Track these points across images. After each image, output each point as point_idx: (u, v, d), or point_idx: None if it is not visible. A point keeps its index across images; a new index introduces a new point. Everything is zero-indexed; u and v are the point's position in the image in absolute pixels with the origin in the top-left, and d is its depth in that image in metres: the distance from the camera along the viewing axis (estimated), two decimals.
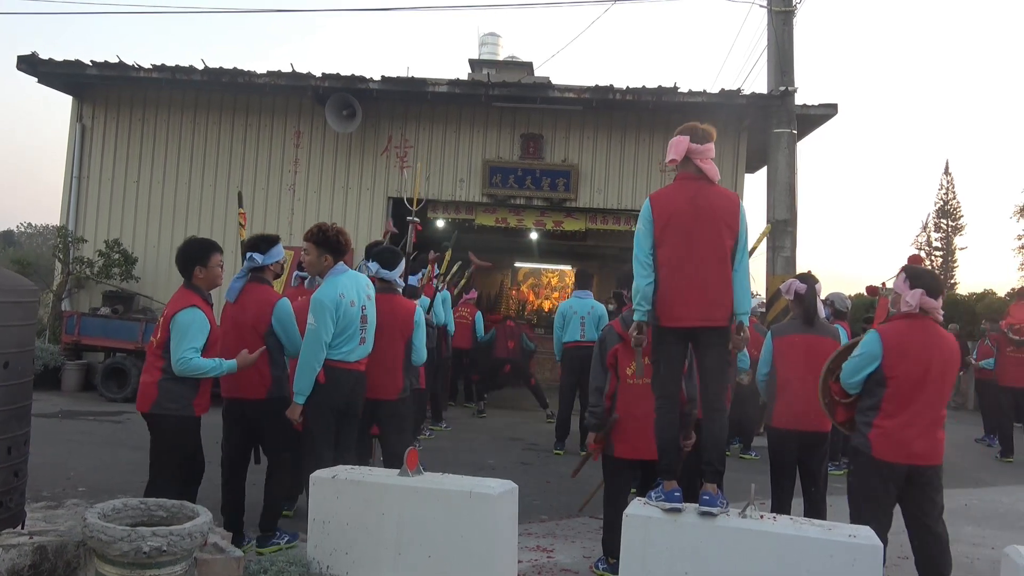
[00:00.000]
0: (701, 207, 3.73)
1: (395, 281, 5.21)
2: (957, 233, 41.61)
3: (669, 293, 3.72)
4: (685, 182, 3.82)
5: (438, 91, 11.20)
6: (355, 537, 3.84)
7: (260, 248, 4.80)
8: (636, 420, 4.35)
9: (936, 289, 3.93)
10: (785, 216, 10.82)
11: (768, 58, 11.17)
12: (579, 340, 8.41)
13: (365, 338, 4.68)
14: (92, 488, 5.72)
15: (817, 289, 4.96)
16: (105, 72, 11.32)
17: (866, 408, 3.98)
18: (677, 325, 3.73)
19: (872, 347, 3.93)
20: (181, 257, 4.48)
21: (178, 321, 4.22)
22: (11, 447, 3.80)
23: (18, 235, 44.65)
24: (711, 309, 3.68)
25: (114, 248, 11.46)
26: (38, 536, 3.48)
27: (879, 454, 3.88)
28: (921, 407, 3.86)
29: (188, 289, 4.39)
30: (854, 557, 3.25)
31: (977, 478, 8.38)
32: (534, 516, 5.68)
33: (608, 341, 4.55)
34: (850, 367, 4.02)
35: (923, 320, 3.94)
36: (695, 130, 3.81)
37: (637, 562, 3.51)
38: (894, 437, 3.85)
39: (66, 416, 8.86)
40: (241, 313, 4.69)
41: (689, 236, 3.71)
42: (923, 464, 3.89)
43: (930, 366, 3.85)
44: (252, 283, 4.77)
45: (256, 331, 4.63)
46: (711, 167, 3.80)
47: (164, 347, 4.26)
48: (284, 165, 12.00)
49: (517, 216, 12.21)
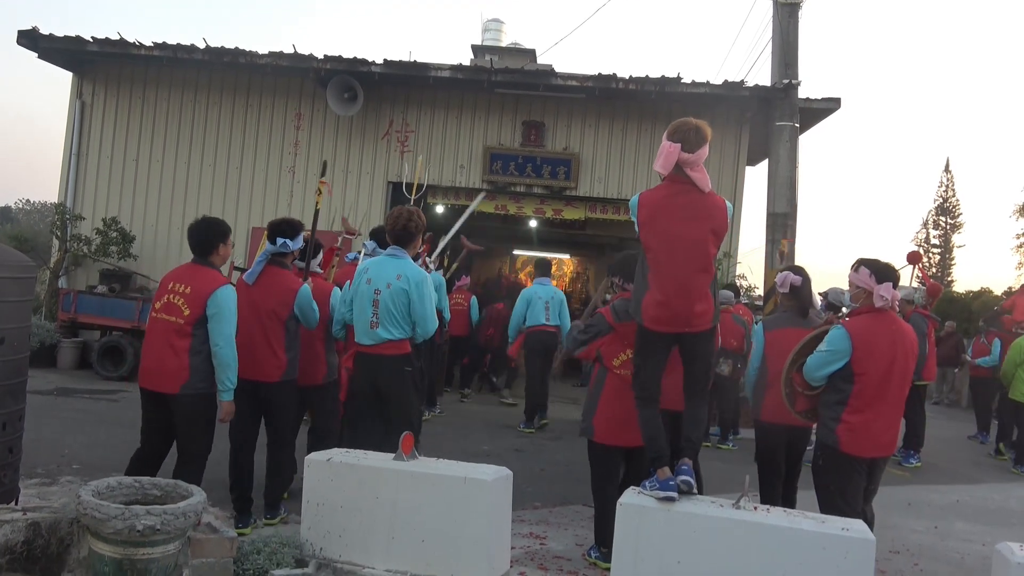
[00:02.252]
0: (687, 213, 3.67)
1: None
2: (955, 231, 41.67)
3: (652, 297, 3.71)
4: (674, 185, 3.72)
5: (440, 76, 11.14)
6: (349, 520, 3.85)
7: (288, 233, 4.79)
8: (621, 408, 4.31)
9: (897, 280, 4.01)
10: (785, 210, 10.81)
11: (773, 50, 11.13)
12: (544, 324, 8.81)
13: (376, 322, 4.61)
14: (86, 466, 5.72)
15: None
16: (106, 49, 11.24)
17: (832, 403, 4.00)
18: (660, 330, 3.75)
19: (840, 343, 3.93)
20: (206, 232, 4.41)
21: (226, 301, 4.20)
22: (6, 423, 3.80)
23: (16, 211, 44.55)
24: (693, 317, 3.69)
25: (112, 226, 11.41)
26: (32, 512, 3.49)
27: (848, 448, 3.92)
28: (887, 402, 3.93)
29: (208, 267, 4.35)
30: (847, 550, 3.26)
31: (968, 475, 8.41)
32: (527, 503, 5.69)
33: (601, 329, 4.53)
34: (816, 361, 4.02)
35: (886, 314, 3.98)
36: (687, 136, 3.64)
37: (630, 551, 3.51)
38: (862, 432, 3.90)
39: (61, 394, 8.85)
40: (262, 297, 4.68)
41: (673, 242, 3.68)
42: (885, 455, 4.01)
43: (895, 360, 3.91)
44: (273, 267, 4.76)
45: (276, 316, 4.66)
46: (702, 176, 3.68)
47: (196, 324, 4.19)
48: (284, 147, 11.94)
49: (517, 203, 12.18)
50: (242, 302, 4.59)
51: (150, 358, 4.30)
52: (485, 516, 3.69)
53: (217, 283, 4.25)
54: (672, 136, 3.68)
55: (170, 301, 4.26)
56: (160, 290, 4.37)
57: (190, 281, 4.27)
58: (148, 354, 4.33)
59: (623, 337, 4.33)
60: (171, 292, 4.28)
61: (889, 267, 4.05)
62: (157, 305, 4.33)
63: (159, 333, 4.26)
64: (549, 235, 16.36)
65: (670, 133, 3.70)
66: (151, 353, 4.29)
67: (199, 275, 4.29)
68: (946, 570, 4.96)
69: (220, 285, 4.24)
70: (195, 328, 4.19)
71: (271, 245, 4.75)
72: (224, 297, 4.21)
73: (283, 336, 4.68)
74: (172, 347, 4.19)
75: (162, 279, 4.44)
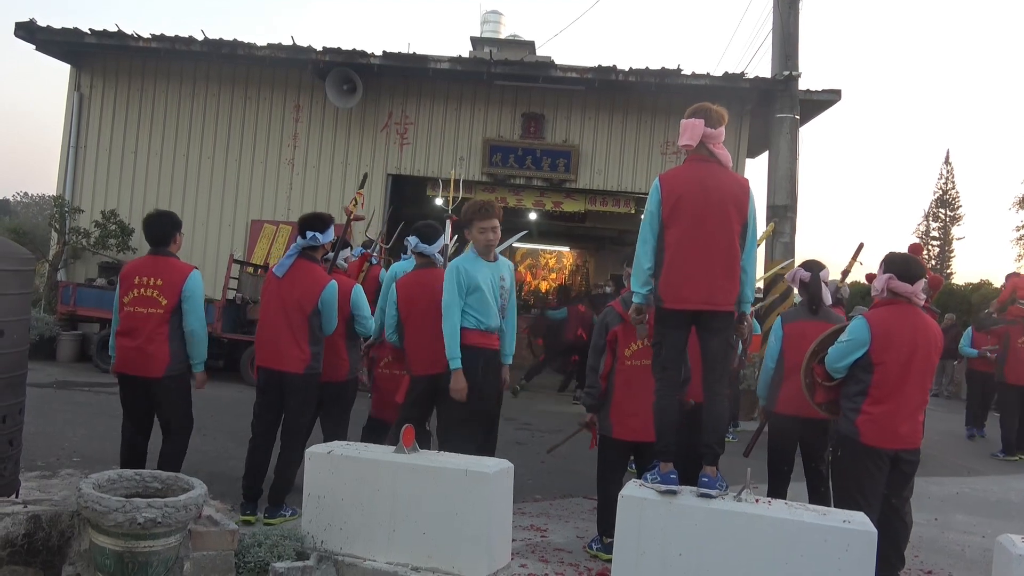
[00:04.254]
0: (711, 190, 3.69)
1: (434, 256, 5.14)
2: (955, 223, 41.63)
3: (675, 275, 3.69)
4: (696, 164, 3.77)
5: (440, 68, 11.11)
6: (349, 513, 3.84)
7: (318, 227, 4.80)
8: (633, 401, 4.34)
9: (908, 274, 3.92)
10: (785, 202, 10.79)
11: (773, 42, 11.09)
12: None
13: None
14: (86, 458, 5.72)
15: (824, 275, 4.94)
16: (104, 41, 11.21)
17: (852, 394, 3.98)
18: (681, 307, 3.71)
19: (860, 333, 3.92)
20: (162, 225, 4.64)
21: (197, 286, 4.48)
22: (6, 416, 3.78)
23: (14, 204, 44.38)
24: (716, 293, 3.66)
25: (110, 219, 11.40)
26: (33, 505, 3.48)
27: (867, 440, 3.89)
28: (907, 392, 3.88)
29: (169, 256, 4.59)
30: (848, 542, 3.25)
31: (969, 467, 8.42)
32: (527, 495, 5.69)
33: (609, 321, 4.54)
34: (837, 352, 4.01)
35: (906, 306, 3.95)
36: (709, 113, 3.75)
37: (631, 543, 3.51)
38: (881, 423, 3.87)
39: (61, 386, 8.85)
40: (289, 290, 4.72)
41: (697, 218, 3.67)
42: (907, 448, 3.93)
43: (915, 351, 3.87)
44: (303, 260, 4.80)
45: (302, 309, 4.68)
46: (724, 152, 3.76)
47: (173, 312, 4.45)
48: (283, 139, 11.92)
49: (516, 196, 12.17)
50: (270, 294, 4.78)
51: (131, 348, 4.50)
52: (486, 509, 3.68)
53: (186, 271, 4.54)
54: (693, 115, 3.77)
55: (142, 295, 4.49)
56: (126, 284, 4.55)
57: (159, 273, 4.51)
58: (129, 345, 4.51)
59: (634, 327, 4.32)
60: (141, 286, 4.50)
61: (899, 259, 4.00)
62: (126, 299, 4.52)
63: (138, 325, 4.49)
64: (549, 228, 16.35)
65: (690, 113, 3.79)
66: (132, 344, 4.50)
67: (166, 266, 4.54)
68: (947, 562, 4.96)
69: (189, 272, 4.53)
70: (172, 315, 4.47)
71: (301, 239, 4.79)
72: (194, 283, 4.51)
73: (307, 330, 4.69)
74: (154, 336, 4.46)
75: (123, 273, 4.64)
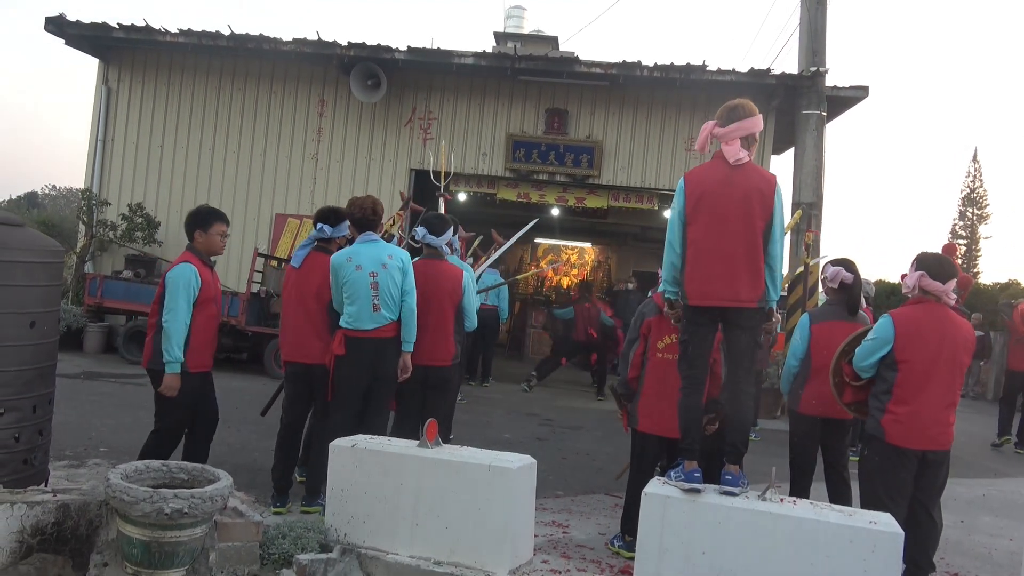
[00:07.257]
0: (735, 186, 3.69)
1: (441, 248, 5.19)
2: (982, 222, 41.04)
3: (698, 271, 3.70)
4: (720, 161, 3.79)
5: (463, 63, 11.11)
6: (373, 506, 3.86)
7: (330, 220, 4.91)
8: (663, 396, 4.31)
9: (940, 273, 3.88)
10: (811, 199, 10.70)
11: (800, 38, 11.00)
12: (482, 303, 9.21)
13: (378, 305, 4.67)
14: (113, 449, 5.79)
15: None
16: (131, 35, 11.31)
17: (879, 393, 3.96)
18: (706, 304, 3.71)
19: (885, 331, 3.91)
20: (187, 220, 4.71)
21: (175, 277, 4.43)
22: (36, 405, 3.84)
23: (42, 197, 44.97)
24: (740, 289, 3.65)
25: (137, 212, 11.51)
26: (62, 494, 3.53)
27: (893, 440, 3.86)
28: (933, 392, 3.84)
29: (187, 250, 4.61)
30: (874, 543, 3.23)
31: (995, 469, 8.31)
32: (549, 491, 5.69)
33: (646, 312, 4.54)
34: (863, 350, 4.01)
35: (934, 305, 3.92)
36: (721, 112, 3.80)
37: (654, 541, 3.50)
38: (907, 423, 3.83)
39: (88, 377, 8.96)
40: (304, 280, 4.84)
41: (719, 215, 3.68)
42: (935, 449, 3.88)
43: (941, 350, 3.83)
44: (317, 252, 4.90)
45: (319, 299, 4.80)
46: (732, 149, 3.72)
47: (160, 303, 4.47)
48: (308, 134, 11.97)
49: (539, 191, 12.14)
50: (289, 286, 4.91)
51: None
52: (509, 504, 3.68)
53: (174, 263, 4.54)
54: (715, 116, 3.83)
55: None
56: None
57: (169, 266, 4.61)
58: None
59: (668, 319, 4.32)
60: None
61: (932, 258, 3.97)
62: None
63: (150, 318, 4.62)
64: (571, 223, 16.29)
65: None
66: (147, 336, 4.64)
67: (176, 260, 4.61)
68: (973, 565, 4.90)
69: (176, 264, 4.52)
70: (159, 307, 4.49)
71: (314, 231, 4.93)
72: (175, 273, 4.44)
73: (326, 319, 4.79)
74: (152, 327, 4.54)
75: None
